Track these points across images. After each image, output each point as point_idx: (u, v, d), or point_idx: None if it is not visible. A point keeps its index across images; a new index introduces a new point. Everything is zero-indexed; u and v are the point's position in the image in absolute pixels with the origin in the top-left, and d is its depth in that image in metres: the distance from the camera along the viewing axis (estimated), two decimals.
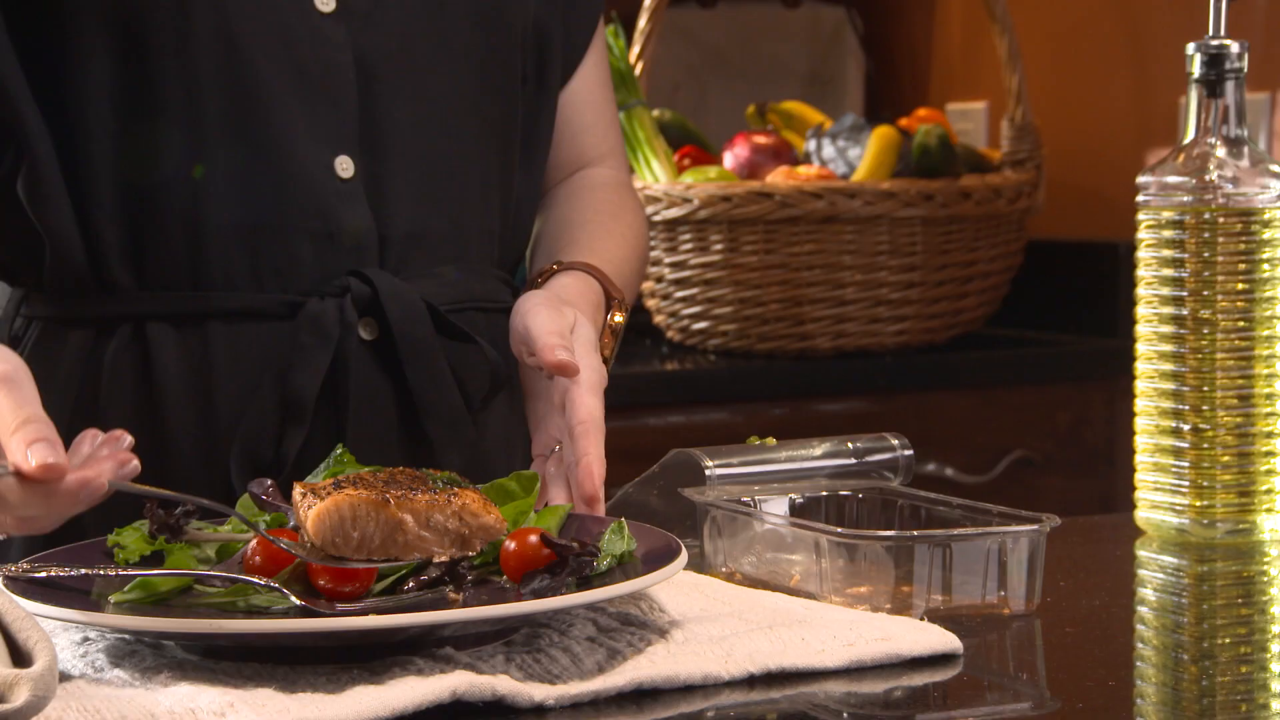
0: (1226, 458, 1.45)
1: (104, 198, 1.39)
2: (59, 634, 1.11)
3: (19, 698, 0.91)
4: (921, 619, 1.17)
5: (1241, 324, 1.45)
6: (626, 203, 1.61)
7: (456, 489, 1.10)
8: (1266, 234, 1.46)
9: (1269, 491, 1.46)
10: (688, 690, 1.04)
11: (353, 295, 1.41)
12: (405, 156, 1.44)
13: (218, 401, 1.40)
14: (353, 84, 1.42)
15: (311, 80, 1.40)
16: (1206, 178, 1.45)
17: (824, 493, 1.37)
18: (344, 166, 1.42)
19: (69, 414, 1.40)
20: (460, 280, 1.48)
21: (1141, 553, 1.46)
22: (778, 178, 2.68)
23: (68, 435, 1.38)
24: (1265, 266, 1.46)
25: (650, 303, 2.83)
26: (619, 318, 1.46)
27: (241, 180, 1.39)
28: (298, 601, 1.06)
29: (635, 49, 2.73)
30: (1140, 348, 1.49)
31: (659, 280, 2.77)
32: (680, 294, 2.74)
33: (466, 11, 1.47)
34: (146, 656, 1.07)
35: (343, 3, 1.42)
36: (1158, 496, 1.48)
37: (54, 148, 1.39)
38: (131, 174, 1.39)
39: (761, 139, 2.79)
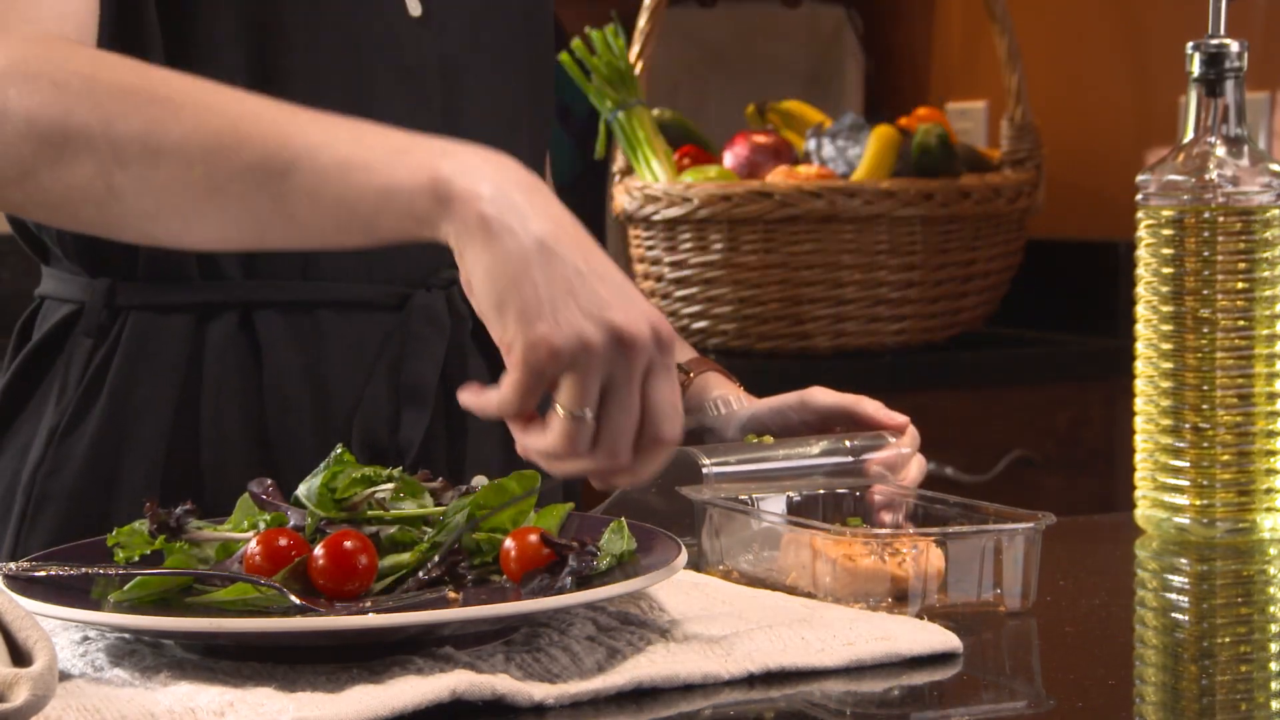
0: (1226, 457, 1.45)
1: None
2: (59, 633, 1.11)
3: (19, 697, 0.91)
4: (920, 617, 1.17)
5: (1241, 323, 1.45)
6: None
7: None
8: (1266, 233, 1.46)
9: (1269, 490, 1.46)
10: (687, 689, 1.04)
11: (458, 287, 1.45)
12: None
13: (331, 388, 1.42)
14: (438, 86, 1.46)
15: (408, 81, 1.44)
16: (1206, 177, 1.45)
17: (821, 491, 1.37)
18: None
19: (174, 399, 1.41)
20: None
21: (1141, 552, 1.46)
22: (777, 177, 2.68)
23: (173, 422, 1.39)
24: (1265, 266, 1.46)
25: (650, 302, 2.83)
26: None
27: None
28: (297, 601, 1.06)
29: (635, 48, 2.73)
30: (1140, 347, 1.49)
31: (659, 280, 2.77)
32: (680, 293, 2.74)
33: (517, 19, 1.53)
34: (146, 656, 1.07)
35: (426, 9, 1.46)
36: (1157, 496, 1.48)
37: None
38: None
39: (761, 138, 2.79)
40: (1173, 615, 1.31)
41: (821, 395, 1.51)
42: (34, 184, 1.22)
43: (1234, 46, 1.46)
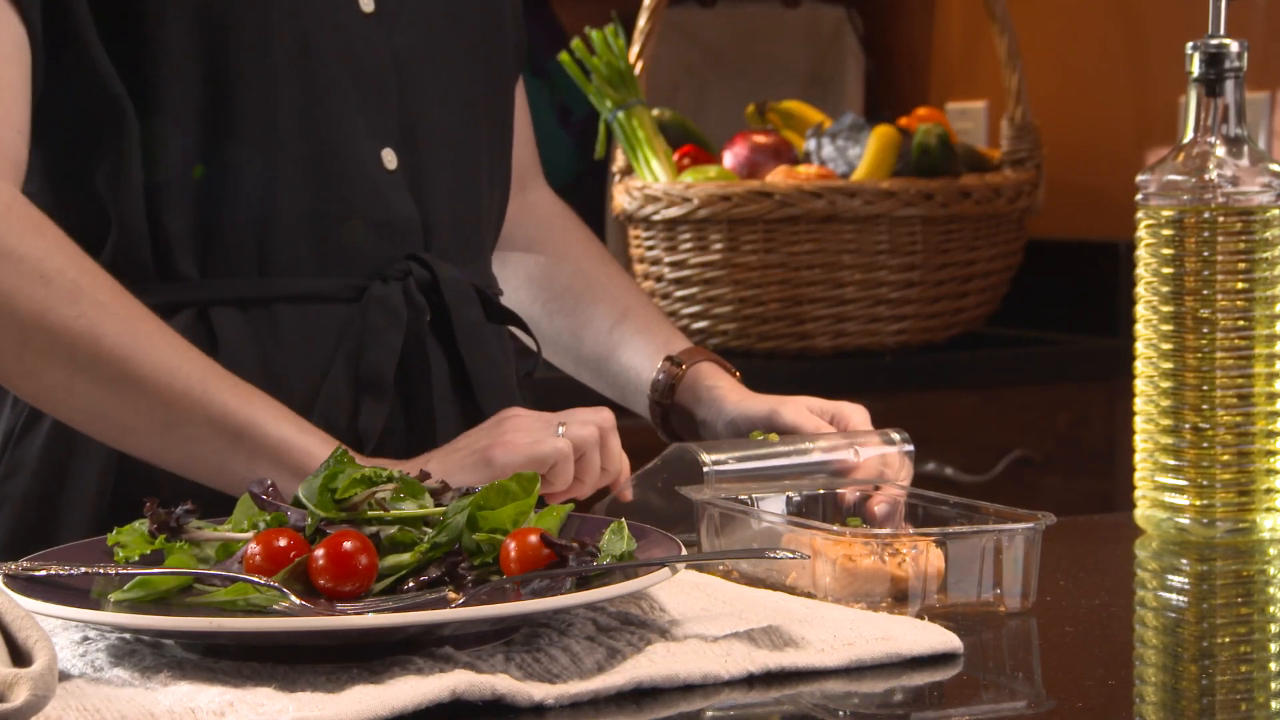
0: (1226, 457, 1.45)
1: (176, 189, 1.42)
2: (58, 633, 1.11)
3: (19, 697, 0.90)
4: (920, 618, 1.17)
5: (1241, 323, 1.45)
6: (594, 237, 1.76)
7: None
8: (1266, 233, 1.45)
9: (1269, 490, 1.46)
10: (687, 690, 1.04)
11: (414, 279, 1.48)
12: (437, 151, 1.51)
13: (289, 379, 1.44)
14: (393, 81, 1.48)
15: (362, 77, 1.46)
16: (1206, 177, 1.45)
17: (821, 490, 1.37)
18: (389, 159, 1.48)
19: None
20: (485, 269, 1.58)
21: (1141, 552, 1.46)
22: (777, 177, 2.68)
23: None
24: (1265, 266, 1.46)
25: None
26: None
27: (307, 169, 1.44)
28: (298, 601, 1.06)
29: (635, 48, 2.73)
30: (1140, 347, 1.49)
31: (659, 280, 2.77)
32: (680, 293, 2.74)
33: (474, 14, 1.55)
34: (146, 656, 1.07)
35: (379, 5, 1.48)
36: (1157, 496, 1.48)
37: (139, 138, 1.41)
38: (206, 165, 1.43)
39: (761, 138, 2.79)
40: (1173, 615, 1.31)
41: (791, 414, 1.51)
42: None
43: (1234, 46, 1.46)
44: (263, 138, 1.42)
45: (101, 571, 1.12)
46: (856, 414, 1.51)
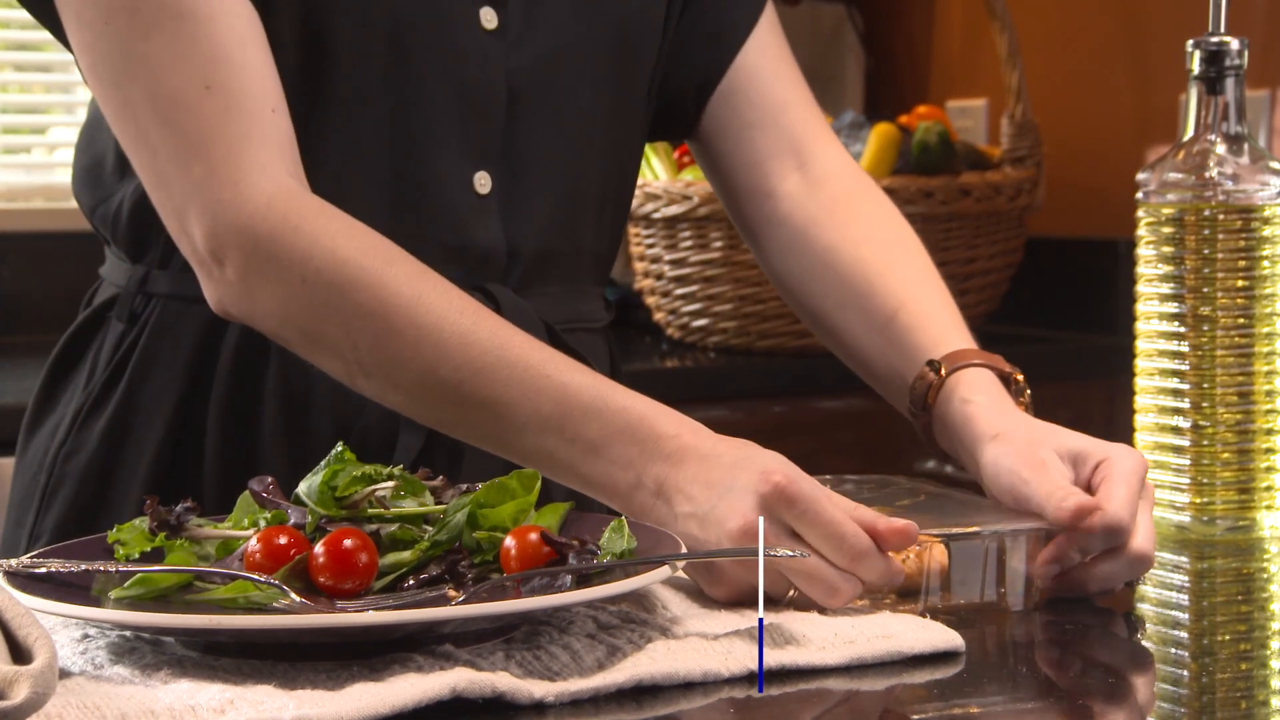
0: (1226, 455, 1.45)
1: None
2: (59, 630, 1.11)
3: (19, 695, 0.90)
4: (924, 616, 1.17)
5: (1241, 321, 1.45)
6: (889, 214, 1.59)
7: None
8: (1266, 231, 1.46)
9: (1269, 488, 1.46)
10: (687, 687, 1.04)
11: None
12: (540, 177, 1.46)
13: (334, 399, 1.41)
14: (502, 101, 1.43)
15: (467, 95, 1.42)
16: (1206, 175, 1.45)
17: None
18: (482, 182, 1.43)
19: (183, 389, 1.43)
20: (570, 299, 1.51)
21: None
22: None
23: (177, 413, 1.43)
24: (1265, 263, 1.46)
25: (650, 300, 2.83)
26: (1027, 391, 1.45)
27: (385, 186, 1.40)
28: (298, 598, 1.06)
29: None
30: (1140, 345, 1.49)
31: (659, 278, 2.77)
32: (680, 291, 2.74)
33: (606, 38, 1.48)
34: (146, 653, 1.07)
35: (504, 22, 1.43)
36: (1158, 494, 1.48)
37: None
38: None
39: None
40: (1173, 614, 1.31)
41: (1042, 489, 1.26)
42: (296, 349, 1.32)
43: (1234, 44, 1.46)
44: (341, 153, 1.39)
45: (102, 569, 1.12)
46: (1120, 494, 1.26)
